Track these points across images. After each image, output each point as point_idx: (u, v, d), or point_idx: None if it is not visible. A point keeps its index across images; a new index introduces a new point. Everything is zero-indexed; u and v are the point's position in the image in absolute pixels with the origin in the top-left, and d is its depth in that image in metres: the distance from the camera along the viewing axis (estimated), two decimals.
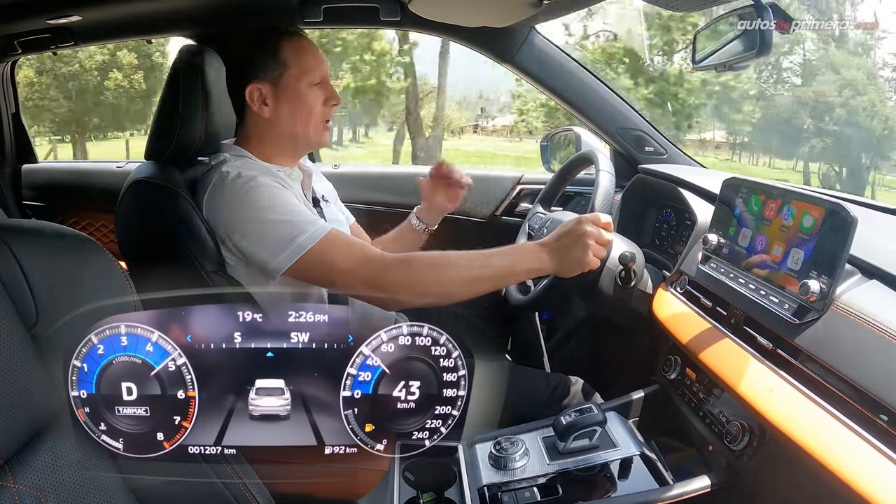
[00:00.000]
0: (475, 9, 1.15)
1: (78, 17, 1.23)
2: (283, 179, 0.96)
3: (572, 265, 0.88)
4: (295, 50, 0.96)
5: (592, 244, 0.86)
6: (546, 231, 1.14)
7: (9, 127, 1.72)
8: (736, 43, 0.90)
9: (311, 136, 0.99)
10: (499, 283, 0.90)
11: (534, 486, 0.79)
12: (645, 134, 1.42)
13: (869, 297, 0.66)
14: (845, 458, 0.56)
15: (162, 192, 0.93)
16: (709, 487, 0.75)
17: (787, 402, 0.65)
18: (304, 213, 0.90)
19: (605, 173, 1.04)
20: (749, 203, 0.83)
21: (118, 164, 1.80)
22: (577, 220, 0.88)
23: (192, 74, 0.99)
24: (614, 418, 0.89)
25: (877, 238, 0.77)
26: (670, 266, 1.06)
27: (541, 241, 0.90)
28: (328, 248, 0.87)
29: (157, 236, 0.94)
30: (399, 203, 1.57)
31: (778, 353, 0.70)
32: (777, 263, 0.75)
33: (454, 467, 0.80)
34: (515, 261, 0.88)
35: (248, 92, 0.95)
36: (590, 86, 1.40)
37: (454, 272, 0.87)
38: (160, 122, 1.00)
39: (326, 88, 0.99)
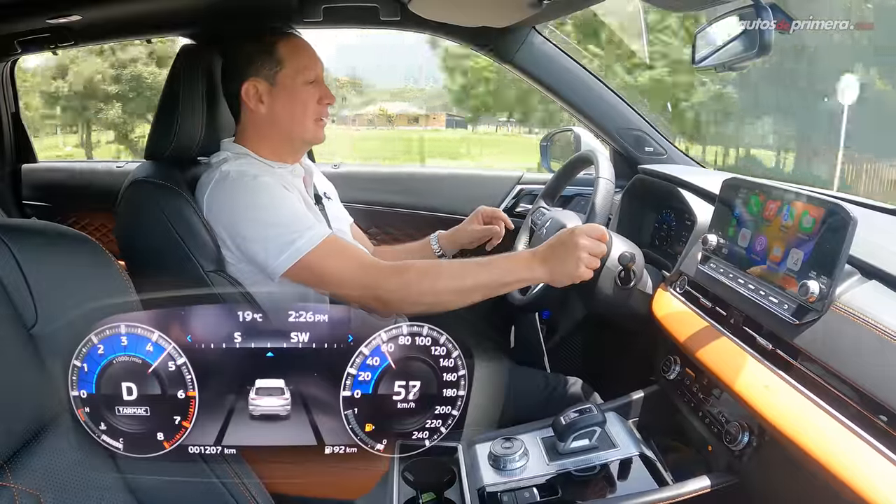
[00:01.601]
0: (475, 9, 1.15)
1: (78, 16, 1.23)
2: (285, 178, 0.96)
3: (564, 276, 0.88)
4: (291, 49, 0.98)
5: (585, 256, 0.86)
6: (546, 231, 1.15)
7: (9, 127, 1.72)
8: (736, 43, 0.90)
9: (306, 132, 1.00)
10: (491, 292, 0.91)
11: (533, 487, 0.79)
12: (644, 134, 1.42)
13: (868, 298, 0.66)
14: (845, 459, 0.56)
15: (162, 191, 0.93)
16: (708, 488, 0.75)
17: (787, 402, 0.65)
18: (304, 216, 0.91)
19: (605, 174, 1.04)
20: (749, 203, 0.83)
21: (118, 163, 1.80)
22: (570, 232, 0.88)
23: (192, 74, 0.99)
24: (614, 418, 0.89)
25: (877, 238, 0.77)
26: (670, 266, 1.06)
27: (533, 251, 0.90)
28: (325, 254, 0.88)
29: (157, 236, 0.94)
30: (399, 203, 1.57)
31: (777, 353, 0.71)
32: (776, 264, 0.75)
33: (454, 467, 0.80)
34: (508, 270, 0.89)
35: (245, 89, 0.96)
36: (589, 86, 1.40)
37: (447, 282, 0.88)
38: (160, 121, 1.00)
39: (320, 87, 1.00)
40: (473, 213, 1.19)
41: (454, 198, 1.57)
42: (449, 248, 1.19)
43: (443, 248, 1.19)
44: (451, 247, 1.19)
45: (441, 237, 1.19)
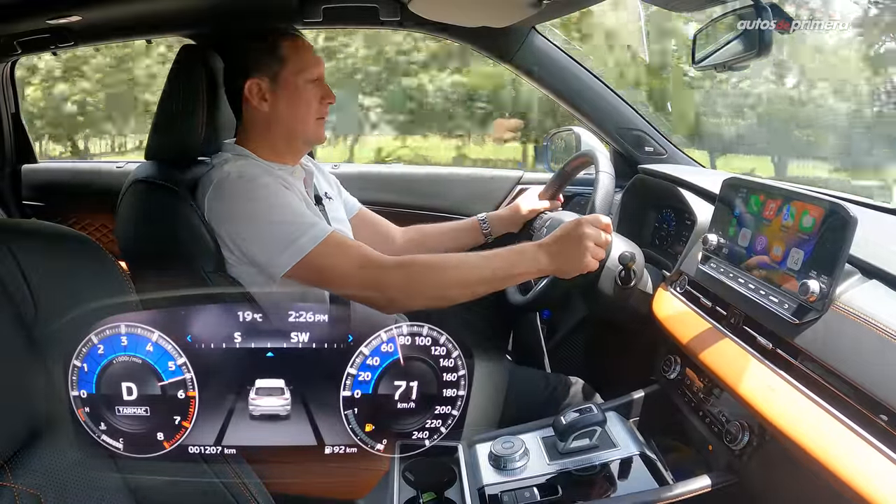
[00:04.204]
0: (475, 9, 1.15)
1: (78, 17, 1.23)
2: (284, 179, 0.96)
3: (570, 267, 0.88)
4: (293, 48, 0.98)
5: (591, 246, 0.87)
6: (546, 230, 1.15)
7: (9, 127, 1.72)
8: (736, 43, 0.90)
9: (308, 131, 1.00)
10: (497, 285, 0.91)
11: (534, 486, 0.79)
12: (645, 134, 1.41)
13: (869, 297, 0.66)
14: (845, 458, 0.56)
15: (162, 192, 0.93)
16: (709, 487, 0.75)
17: (787, 401, 0.65)
18: (305, 215, 0.91)
19: (605, 174, 1.04)
20: (749, 203, 0.83)
21: (118, 164, 1.80)
22: (576, 222, 0.88)
23: (193, 74, 0.99)
24: (614, 418, 0.89)
25: (877, 238, 0.76)
26: (670, 266, 1.06)
27: (539, 243, 0.90)
28: (328, 251, 0.88)
29: (157, 236, 0.94)
30: (399, 203, 1.57)
31: (778, 352, 0.70)
32: (777, 263, 0.75)
33: (454, 467, 0.80)
34: (513, 263, 0.89)
35: (248, 87, 0.97)
36: (589, 86, 1.40)
37: (452, 275, 0.88)
38: (160, 121, 1.00)
39: (322, 87, 1.00)
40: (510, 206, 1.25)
41: (454, 198, 1.56)
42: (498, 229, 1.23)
43: (493, 227, 1.22)
44: (502, 227, 1.23)
45: (491, 218, 1.22)
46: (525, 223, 1.25)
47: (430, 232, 1.22)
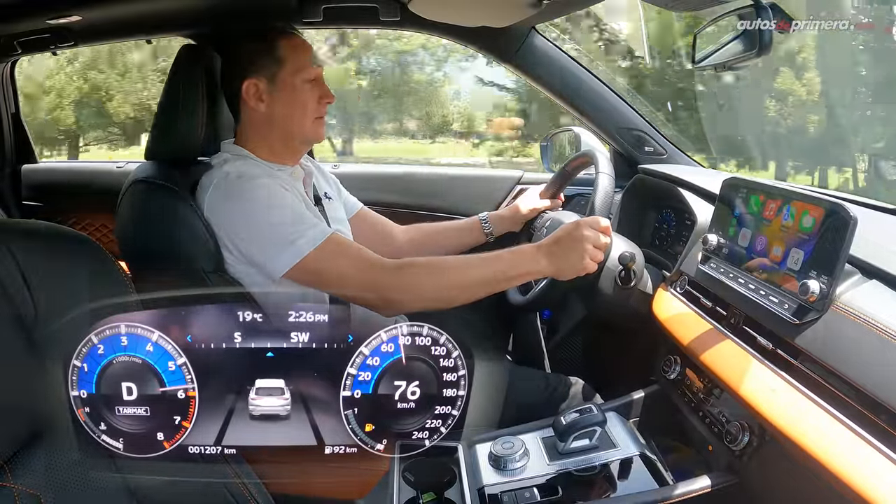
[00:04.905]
0: (475, 9, 1.15)
1: (78, 17, 1.23)
2: (284, 179, 0.96)
3: (569, 269, 0.88)
4: (291, 48, 0.98)
5: (589, 248, 0.87)
6: (546, 230, 1.15)
7: (9, 127, 1.72)
8: (736, 43, 0.90)
9: (306, 131, 1.00)
10: (496, 287, 0.90)
11: (534, 487, 0.79)
12: (645, 134, 1.41)
13: (869, 297, 0.66)
14: (845, 459, 0.56)
15: (162, 192, 0.93)
16: (709, 488, 0.75)
17: (787, 402, 0.65)
18: (305, 216, 0.91)
19: (605, 175, 1.04)
20: (749, 203, 0.83)
21: (118, 164, 1.80)
22: (575, 224, 0.88)
23: (193, 74, 0.99)
24: (614, 418, 0.89)
25: (877, 238, 0.76)
26: (670, 266, 1.06)
27: (538, 244, 0.90)
28: (327, 254, 0.88)
29: (157, 237, 0.94)
30: (398, 203, 1.57)
31: (778, 353, 0.70)
32: (777, 263, 0.75)
33: (454, 467, 0.80)
34: (512, 265, 0.89)
35: (245, 87, 0.96)
36: (589, 85, 1.40)
37: (451, 276, 0.88)
38: (160, 122, 1.00)
39: (320, 86, 1.00)
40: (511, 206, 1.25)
41: (453, 198, 1.56)
42: (500, 229, 1.23)
43: (494, 227, 1.22)
44: (503, 227, 1.23)
45: (492, 217, 1.22)
46: (526, 222, 1.25)
47: (432, 231, 1.22)
